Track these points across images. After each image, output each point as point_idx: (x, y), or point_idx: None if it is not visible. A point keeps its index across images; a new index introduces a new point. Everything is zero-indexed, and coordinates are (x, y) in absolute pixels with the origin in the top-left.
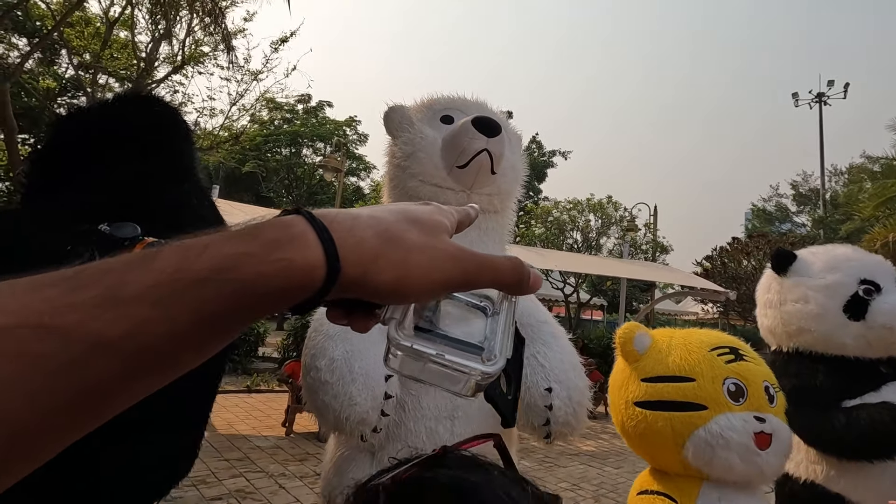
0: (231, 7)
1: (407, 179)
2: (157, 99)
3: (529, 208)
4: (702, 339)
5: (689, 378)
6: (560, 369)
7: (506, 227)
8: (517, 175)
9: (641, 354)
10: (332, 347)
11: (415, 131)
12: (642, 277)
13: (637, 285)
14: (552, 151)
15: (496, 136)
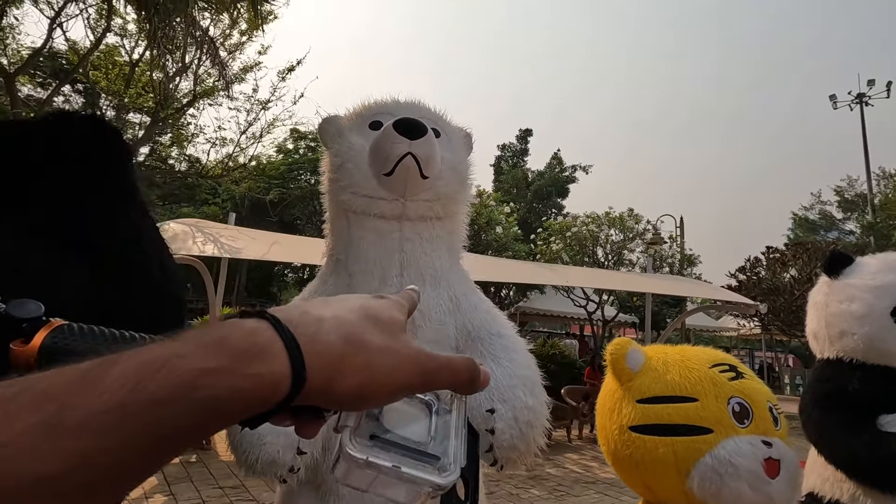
0: (238, 47)
1: (339, 192)
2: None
3: (548, 224)
4: (699, 355)
5: (690, 398)
6: (507, 386)
7: (455, 233)
8: (460, 176)
9: (635, 373)
10: None
11: (342, 141)
12: (665, 292)
13: (667, 301)
14: (573, 166)
15: (420, 137)
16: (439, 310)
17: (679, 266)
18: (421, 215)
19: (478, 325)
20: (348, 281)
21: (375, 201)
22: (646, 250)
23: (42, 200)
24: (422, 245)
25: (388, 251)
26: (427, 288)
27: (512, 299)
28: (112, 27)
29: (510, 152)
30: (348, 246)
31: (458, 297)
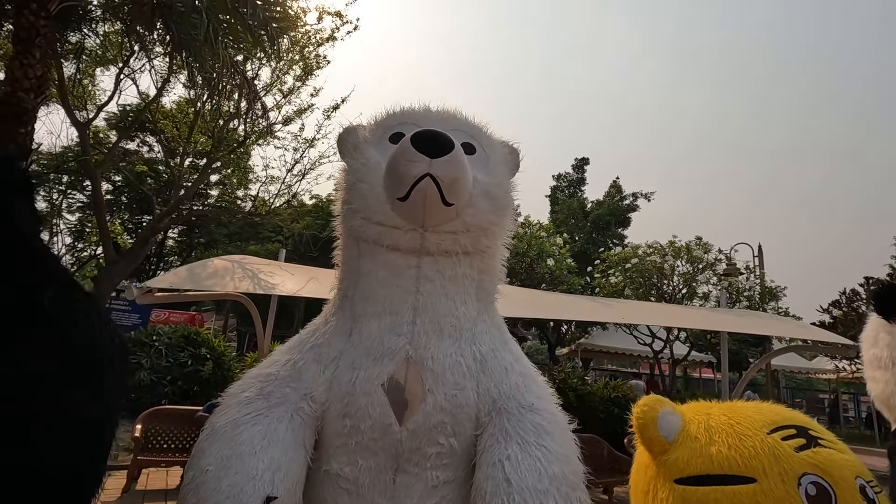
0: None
1: (350, 217)
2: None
3: (605, 255)
4: (751, 415)
5: (745, 478)
6: (534, 490)
7: (487, 273)
8: (497, 203)
9: (670, 443)
10: (209, 451)
11: (358, 156)
12: (740, 330)
13: (747, 339)
14: (633, 194)
15: (443, 155)
16: (457, 371)
17: (759, 300)
18: (444, 250)
19: (506, 394)
20: (352, 325)
21: (389, 230)
22: (718, 282)
23: None
24: (443, 285)
25: (402, 291)
26: (445, 340)
27: (573, 335)
28: (177, 78)
29: (566, 182)
30: (357, 282)
31: (484, 354)
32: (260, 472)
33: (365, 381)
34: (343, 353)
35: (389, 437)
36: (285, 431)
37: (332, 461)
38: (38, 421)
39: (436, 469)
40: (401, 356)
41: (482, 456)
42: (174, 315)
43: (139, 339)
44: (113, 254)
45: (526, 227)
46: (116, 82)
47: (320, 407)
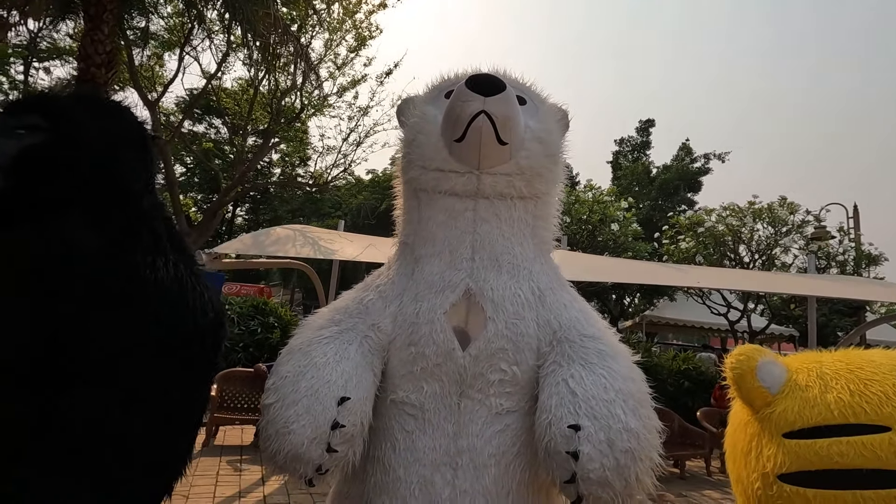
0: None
1: (409, 169)
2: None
3: (675, 220)
4: (876, 359)
5: (876, 426)
6: (600, 400)
7: (542, 219)
8: (549, 150)
9: (774, 395)
10: (288, 362)
11: (416, 114)
12: (832, 294)
13: (838, 309)
14: (705, 155)
15: (497, 94)
16: (516, 301)
17: (854, 266)
18: (499, 192)
19: (566, 324)
20: (413, 266)
21: (447, 175)
22: (806, 246)
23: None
24: (500, 227)
25: (459, 232)
26: (503, 275)
27: (637, 307)
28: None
29: (629, 146)
30: (418, 228)
31: (542, 290)
32: (334, 378)
33: (428, 311)
34: (406, 290)
35: (452, 363)
36: (355, 352)
37: (398, 390)
38: (123, 393)
39: (499, 396)
40: (461, 288)
41: (545, 381)
42: (245, 287)
43: None
44: (185, 227)
45: (588, 191)
46: (180, 60)
47: (386, 337)
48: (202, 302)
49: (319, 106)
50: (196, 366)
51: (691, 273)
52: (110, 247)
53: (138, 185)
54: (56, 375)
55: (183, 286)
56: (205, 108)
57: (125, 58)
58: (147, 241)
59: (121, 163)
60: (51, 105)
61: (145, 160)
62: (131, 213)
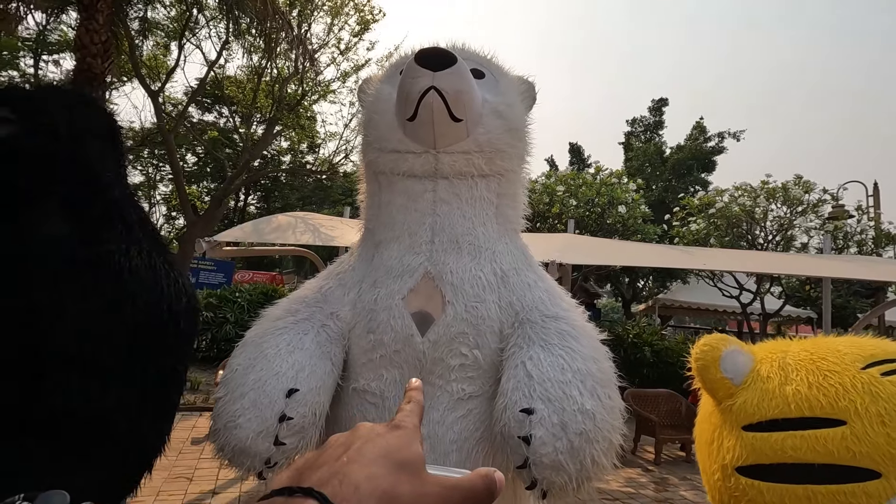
0: (350, 48)
1: (367, 152)
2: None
3: (685, 201)
4: (841, 349)
5: (832, 420)
6: (555, 381)
7: (507, 197)
8: (509, 124)
9: (738, 386)
10: (239, 355)
11: (371, 94)
12: (845, 275)
13: (857, 290)
14: (719, 134)
15: (446, 68)
16: (476, 284)
17: (873, 245)
18: (458, 171)
19: (529, 305)
20: (374, 252)
21: (403, 156)
22: (822, 226)
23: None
24: (461, 207)
25: (419, 214)
26: (464, 257)
27: (651, 290)
28: (239, 43)
29: (641, 126)
30: (378, 213)
31: (505, 271)
32: (283, 370)
33: (386, 297)
34: (366, 276)
35: (412, 349)
36: (310, 342)
37: (359, 378)
38: (100, 376)
39: (461, 382)
40: (420, 272)
41: (506, 364)
42: (258, 275)
43: (224, 296)
44: (192, 216)
45: (596, 174)
46: (180, 48)
47: (346, 325)
48: (176, 288)
49: (323, 92)
50: (171, 349)
51: (698, 255)
52: (83, 235)
53: (109, 175)
54: (34, 361)
55: (157, 273)
56: (214, 98)
57: (126, 47)
58: (119, 229)
59: (90, 153)
60: (19, 97)
61: (115, 150)
62: (102, 202)
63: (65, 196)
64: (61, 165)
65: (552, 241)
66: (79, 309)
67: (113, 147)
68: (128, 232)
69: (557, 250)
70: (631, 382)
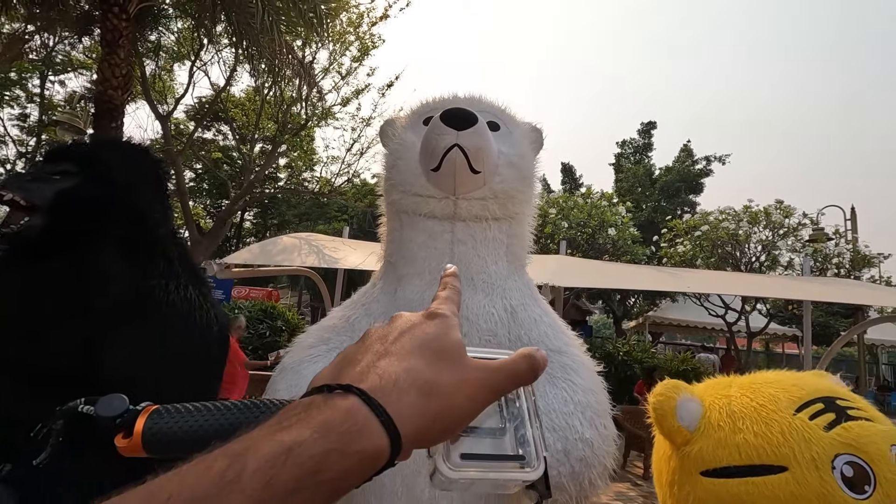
0: (350, 73)
1: (391, 192)
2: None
3: (672, 224)
4: (774, 393)
5: (777, 468)
6: (560, 412)
7: (517, 237)
8: (521, 173)
9: (692, 433)
10: (281, 381)
11: (397, 140)
12: (820, 298)
13: (836, 311)
14: (706, 157)
15: (468, 128)
16: (489, 319)
17: (850, 267)
18: (475, 215)
19: (535, 340)
20: (396, 285)
21: (425, 200)
22: (801, 248)
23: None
24: (475, 248)
25: (438, 253)
26: (478, 294)
27: (641, 308)
28: (244, 68)
29: (631, 148)
30: (400, 248)
31: (514, 307)
32: None
33: None
34: (389, 308)
35: None
36: None
37: None
38: (146, 399)
39: None
40: None
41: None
42: (254, 291)
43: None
44: (196, 235)
45: (587, 197)
46: (190, 75)
47: None
48: (208, 318)
49: (324, 116)
50: (204, 371)
51: (684, 277)
52: (133, 272)
53: (155, 216)
54: (89, 381)
55: (192, 305)
56: (213, 116)
57: (137, 73)
58: (162, 266)
59: (141, 198)
60: (80, 152)
61: (160, 193)
62: (150, 241)
63: (118, 237)
64: (116, 210)
65: (545, 263)
66: (129, 337)
67: (158, 188)
68: (169, 268)
69: (551, 273)
70: (621, 399)
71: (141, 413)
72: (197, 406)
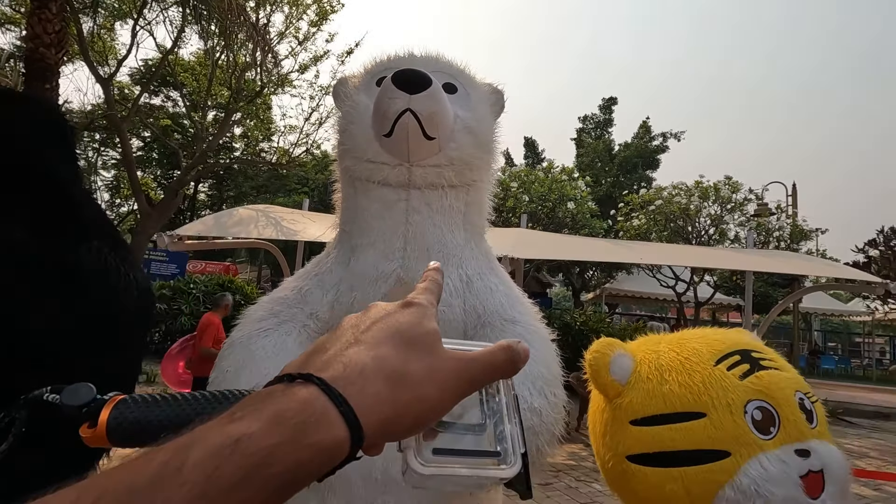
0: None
1: (344, 158)
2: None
3: (628, 198)
4: (698, 347)
5: (697, 414)
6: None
7: (474, 205)
8: (479, 139)
9: (624, 386)
10: (228, 357)
11: (348, 102)
12: (759, 269)
13: (775, 282)
14: (662, 134)
15: (421, 91)
16: (445, 290)
17: (789, 240)
18: (430, 183)
19: (490, 310)
20: (350, 255)
21: (379, 167)
22: (747, 222)
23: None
24: (431, 217)
25: (393, 223)
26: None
27: (598, 280)
28: (192, 29)
29: (592, 124)
30: (354, 217)
31: (470, 276)
32: (272, 371)
33: (362, 300)
34: (343, 279)
35: None
36: (293, 343)
37: None
38: (61, 371)
39: None
40: (393, 278)
41: None
42: (210, 265)
43: (178, 288)
44: (145, 206)
45: (548, 172)
46: (133, 35)
47: (325, 325)
48: (126, 282)
49: (281, 83)
50: (124, 343)
51: (636, 249)
52: (39, 237)
53: (63, 176)
54: (7, 362)
55: (108, 270)
56: (161, 81)
57: (74, 31)
58: (72, 229)
59: (45, 156)
60: None
61: (68, 151)
62: (58, 203)
63: (24, 202)
64: (20, 173)
65: (506, 235)
66: (38, 307)
67: (67, 148)
68: (81, 231)
69: (510, 245)
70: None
71: (107, 403)
72: (165, 396)
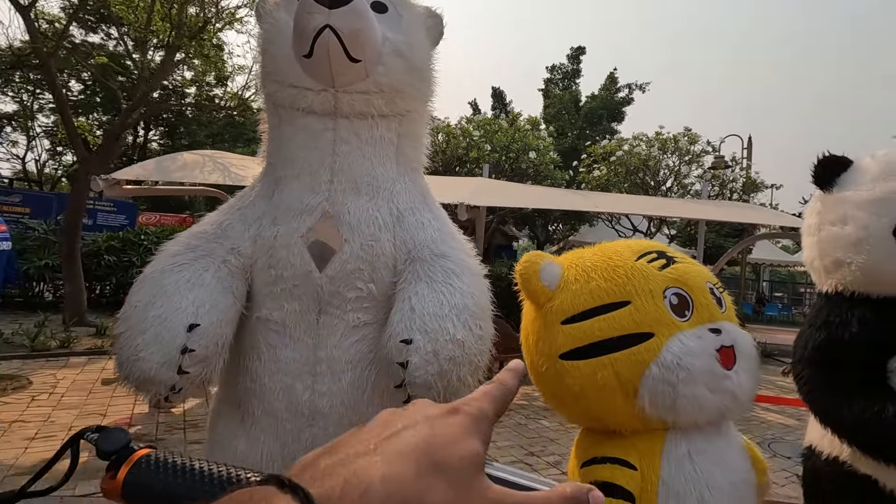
0: None
1: (266, 83)
2: None
3: (591, 149)
4: (619, 249)
5: (622, 302)
6: (433, 315)
7: (408, 137)
8: (411, 63)
9: (553, 291)
10: (139, 291)
11: (269, 20)
12: (706, 217)
13: (727, 232)
14: (628, 86)
15: (342, 5)
16: (372, 223)
17: (742, 192)
18: (358, 112)
19: (420, 244)
20: (274, 188)
21: (302, 92)
22: (704, 174)
23: None
24: (360, 147)
25: (319, 154)
26: (362, 198)
27: (562, 232)
28: None
29: (560, 74)
30: (279, 147)
31: (401, 211)
32: (184, 306)
33: (285, 235)
34: (266, 213)
35: (310, 283)
36: (211, 277)
37: (262, 308)
38: None
39: (356, 311)
40: (319, 212)
41: (396, 297)
42: (166, 217)
43: (128, 239)
44: (84, 151)
45: (512, 121)
46: None
47: (247, 260)
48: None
49: (229, 20)
50: None
51: (592, 198)
52: None
53: None
54: None
55: None
56: (98, 16)
57: None
58: None
59: None
60: None
61: None
62: None
63: None
64: None
65: (465, 184)
66: None
67: None
68: None
69: (469, 193)
70: None
71: (126, 461)
72: (184, 464)
